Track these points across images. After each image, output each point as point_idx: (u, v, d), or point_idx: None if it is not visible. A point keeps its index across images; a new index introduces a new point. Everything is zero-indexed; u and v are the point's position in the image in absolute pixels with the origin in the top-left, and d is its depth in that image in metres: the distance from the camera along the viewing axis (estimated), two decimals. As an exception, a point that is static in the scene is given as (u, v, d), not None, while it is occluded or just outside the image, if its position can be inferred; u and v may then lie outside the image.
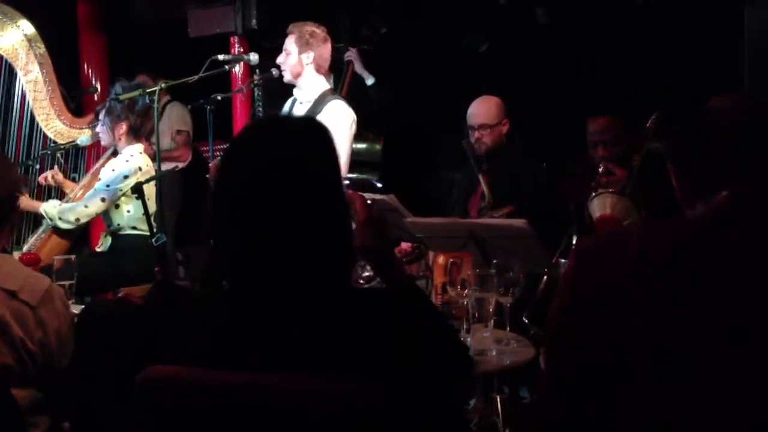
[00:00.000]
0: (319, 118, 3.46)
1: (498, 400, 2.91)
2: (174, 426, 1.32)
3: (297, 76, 3.65)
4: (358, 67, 4.66)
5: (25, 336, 1.79)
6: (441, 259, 2.23)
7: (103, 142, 3.78)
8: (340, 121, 3.51)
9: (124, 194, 3.57)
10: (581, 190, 3.10)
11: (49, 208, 3.60)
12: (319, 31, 3.67)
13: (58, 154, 4.01)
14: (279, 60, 3.67)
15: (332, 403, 1.27)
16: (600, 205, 2.91)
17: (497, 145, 3.61)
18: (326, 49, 3.71)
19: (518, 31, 4.72)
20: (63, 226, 3.59)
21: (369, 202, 1.77)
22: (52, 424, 1.88)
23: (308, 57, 3.63)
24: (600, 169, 3.16)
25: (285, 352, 1.33)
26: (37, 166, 4.03)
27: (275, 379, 1.28)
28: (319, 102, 3.63)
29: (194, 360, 1.34)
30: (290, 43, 3.63)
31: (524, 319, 2.31)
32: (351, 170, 4.10)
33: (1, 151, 3.70)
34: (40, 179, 3.89)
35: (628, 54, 4.33)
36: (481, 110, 3.64)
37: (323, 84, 3.72)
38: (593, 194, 2.97)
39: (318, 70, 3.68)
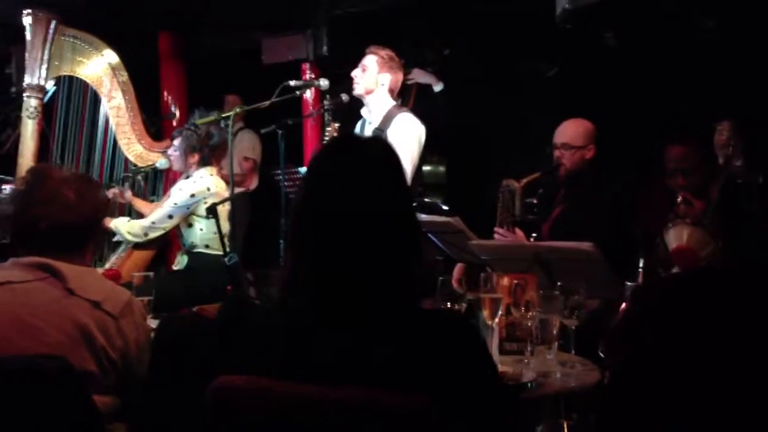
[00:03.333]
0: (390, 131, 3.57)
1: (565, 425, 2.87)
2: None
3: (369, 93, 3.76)
4: (424, 78, 4.72)
5: (107, 345, 1.86)
6: (505, 281, 2.23)
7: (174, 166, 3.94)
8: (409, 132, 3.63)
9: (194, 213, 3.71)
10: (657, 216, 3.06)
11: (119, 223, 3.76)
12: (398, 59, 3.81)
13: (139, 177, 4.17)
14: (354, 73, 3.76)
15: (394, 417, 1.30)
16: (676, 236, 2.84)
17: (577, 169, 3.48)
18: (400, 77, 3.86)
19: (586, 54, 4.70)
20: (131, 239, 3.74)
21: None
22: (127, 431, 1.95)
23: (385, 78, 3.75)
24: (679, 199, 3.10)
25: (348, 366, 1.37)
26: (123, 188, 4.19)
27: (338, 391, 1.32)
28: (388, 118, 3.72)
29: (262, 371, 1.40)
30: (371, 61, 3.75)
31: (600, 353, 2.27)
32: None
33: (87, 174, 3.86)
34: (107, 194, 4.04)
35: (697, 78, 4.26)
36: (568, 130, 3.53)
37: (390, 101, 3.81)
38: (669, 224, 2.90)
39: (390, 93, 3.80)
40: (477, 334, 1.46)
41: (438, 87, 4.71)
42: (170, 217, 3.72)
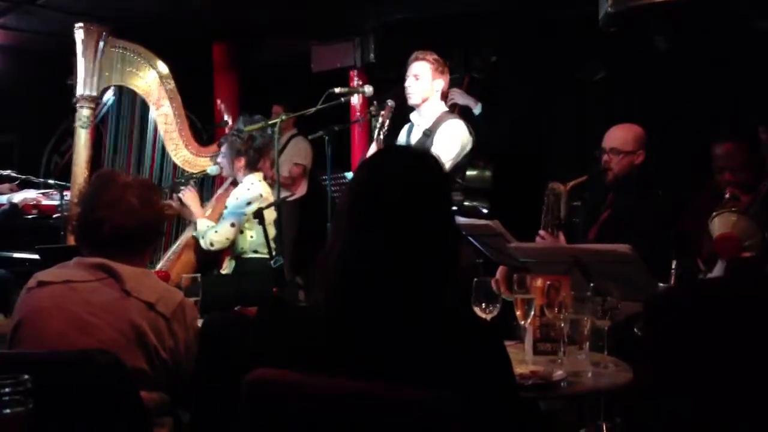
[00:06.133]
0: (437, 132, 3.65)
1: (605, 428, 2.87)
2: (274, 423, 1.44)
3: (425, 100, 3.79)
4: (463, 100, 4.72)
5: (158, 344, 1.95)
6: (539, 282, 2.26)
7: (223, 172, 4.06)
8: (455, 134, 3.69)
9: (247, 220, 3.82)
10: (699, 216, 3.03)
11: (202, 225, 3.88)
12: (443, 60, 3.85)
13: (191, 182, 4.29)
14: (407, 84, 3.78)
15: (422, 411, 1.35)
16: (722, 224, 2.80)
17: (625, 174, 3.41)
18: (448, 77, 3.90)
19: (634, 58, 4.67)
20: (202, 244, 3.87)
21: None
22: (175, 425, 2.03)
23: (438, 84, 3.80)
24: (726, 195, 3.06)
25: (377, 362, 1.43)
26: (174, 194, 4.31)
27: (365, 385, 1.39)
28: (437, 123, 3.77)
29: (295, 366, 1.47)
30: (423, 69, 3.76)
31: (635, 330, 2.29)
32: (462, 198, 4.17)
33: (151, 181, 3.94)
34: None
35: (749, 80, 4.19)
36: (616, 135, 3.44)
37: (442, 107, 3.87)
38: (714, 213, 2.87)
39: (441, 97, 3.86)
40: (496, 341, 1.49)
41: (477, 109, 4.65)
42: (232, 225, 3.83)
